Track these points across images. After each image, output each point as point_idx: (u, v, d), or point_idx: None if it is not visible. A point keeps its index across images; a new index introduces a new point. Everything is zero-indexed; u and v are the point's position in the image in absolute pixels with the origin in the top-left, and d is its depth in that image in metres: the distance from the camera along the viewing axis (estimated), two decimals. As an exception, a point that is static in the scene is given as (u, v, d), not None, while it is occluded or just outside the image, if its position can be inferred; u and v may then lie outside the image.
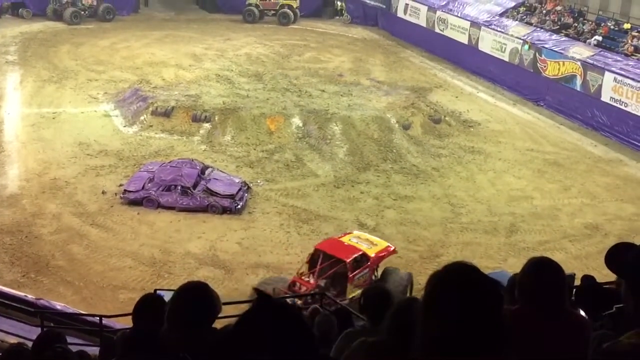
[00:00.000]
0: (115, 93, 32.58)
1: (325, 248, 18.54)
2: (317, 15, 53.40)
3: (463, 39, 41.86)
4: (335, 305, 13.14)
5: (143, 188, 22.74)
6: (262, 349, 2.65)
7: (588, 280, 7.32)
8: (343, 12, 54.41)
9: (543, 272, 3.86)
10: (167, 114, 29.31)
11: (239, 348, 2.70)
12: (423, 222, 22.92)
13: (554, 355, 3.77)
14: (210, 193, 22.74)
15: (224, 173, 24.40)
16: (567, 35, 36.39)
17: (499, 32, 39.15)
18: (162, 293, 7.01)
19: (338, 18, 54.26)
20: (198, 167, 23.76)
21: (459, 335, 2.58)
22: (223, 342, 2.89)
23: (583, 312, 5.24)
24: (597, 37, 34.92)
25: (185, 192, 22.62)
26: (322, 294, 13.57)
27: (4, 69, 35.80)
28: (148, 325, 4.62)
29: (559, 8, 39.47)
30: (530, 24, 38.76)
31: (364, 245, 18.91)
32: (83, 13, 46.69)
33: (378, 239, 20.08)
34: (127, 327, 8.44)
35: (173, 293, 3.72)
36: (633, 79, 30.64)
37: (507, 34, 38.54)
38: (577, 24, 37.19)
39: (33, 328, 11.22)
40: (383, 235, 21.74)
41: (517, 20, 39.73)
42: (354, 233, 20.23)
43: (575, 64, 33.49)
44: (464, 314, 2.59)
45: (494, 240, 22.03)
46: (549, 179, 27.01)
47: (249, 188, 24.07)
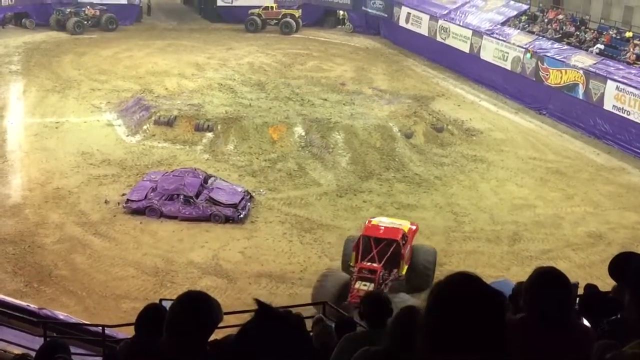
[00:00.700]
0: (118, 102, 32.65)
1: (371, 233, 19.36)
2: (319, 25, 53.55)
3: (465, 48, 41.90)
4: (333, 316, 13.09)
5: (146, 197, 22.76)
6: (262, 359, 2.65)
7: (591, 289, 7.30)
8: (345, 21, 54.54)
9: (549, 282, 3.85)
10: (169, 123, 29.36)
11: (240, 358, 2.70)
12: (426, 231, 22.85)
13: (558, 365, 3.76)
14: (213, 202, 22.74)
15: (227, 182, 24.41)
16: (569, 44, 36.41)
17: (501, 40, 39.18)
18: (167, 303, 7.00)
19: (340, 27, 54.38)
20: (201, 176, 23.78)
21: (462, 345, 2.57)
22: (224, 352, 2.89)
23: (586, 321, 5.23)
24: (599, 45, 34.95)
25: (188, 201, 22.63)
26: (324, 303, 13.52)
27: (7, 79, 35.92)
28: (150, 335, 4.61)
29: (561, 17, 39.52)
30: (532, 33, 38.79)
31: (398, 225, 20.13)
32: (86, 23, 46.88)
33: (398, 220, 21.19)
34: (129, 336, 8.44)
35: (172, 302, 3.71)
36: (635, 87, 30.61)
37: (509, 43, 38.57)
38: (579, 33, 37.22)
39: (36, 338, 11.22)
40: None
41: (519, 29, 39.77)
42: (376, 219, 20.95)
43: (578, 73, 33.49)
44: (467, 325, 2.58)
45: (497, 249, 21.99)
46: (552, 188, 26.97)
47: (252, 197, 24.08)
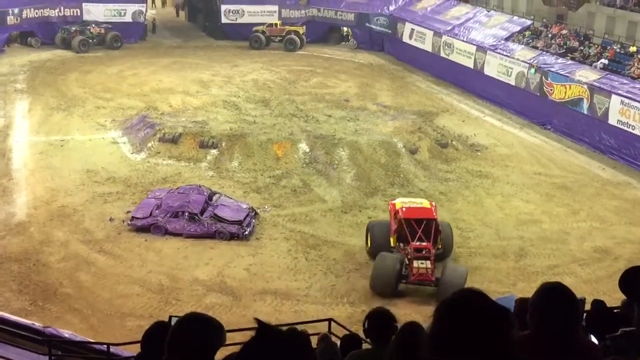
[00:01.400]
0: (123, 120, 32.74)
1: (410, 215, 21.13)
2: (323, 41, 53.79)
3: (469, 64, 41.97)
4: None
5: (150, 215, 22.76)
6: None
7: (598, 305, 7.25)
8: (349, 37, 54.78)
9: (555, 298, 3.81)
10: (174, 141, 29.41)
11: None
12: (431, 246, 22.81)
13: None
14: (218, 219, 22.72)
15: (232, 199, 24.40)
16: (573, 59, 36.46)
17: (505, 56, 39.25)
18: (176, 320, 6.96)
19: (344, 44, 54.61)
20: (205, 193, 23.78)
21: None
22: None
23: (594, 337, 5.19)
24: (603, 60, 34.99)
25: (193, 218, 22.61)
26: (330, 319, 13.48)
27: (13, 97, 36.08)
28: (156, 353, 4.58)
29: (565, 32, 39.60)
30: (536, 48, 38.86)
31: (420, 204, 22.38)
32: (91, 41, 47.14)
33: (415, 199, 24.01)
34: (135, 354, 8.40)
35: (173, 323, 3.69)
36: (640, 102, 30.64)
37: (513, 58, 38.64)
38: (583, 48, 37.28)
39: (41, 357, 11.20)
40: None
41: (522, 44, 39.85)
42: (399, 200, 23.10)
43: (582, 87, 33.50)
44: (473, 341, 2.56)
45: (503, 265, 21.90)
46: (558, 203, 26.89)
47: (257, 214, 24.05)
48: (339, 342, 8.59)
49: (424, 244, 20.27)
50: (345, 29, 55.19)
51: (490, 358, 2.57)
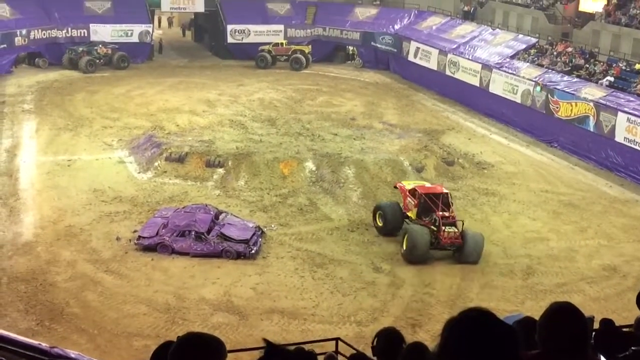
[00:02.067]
0: (130, 140, 32.85)
1: (425, 191, 24.41)
2: (329, 60, 54.01)
3: (474, 82, 42.05)
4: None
5: (157, 234, 22.76)
6: None
7: (607, 324, 7.21)
8: (355, 56, 54.98)
9: (564, 318, 3.79)
10: (181, 160, 29.48)
11: None
12: (439, 265, 22.75)
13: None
14: (224, 238, 22.71)
15: (238, 218, 24.40)
16: (578, 77, 36.50)
17: (511, 74, 39.32)
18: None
19: (350, 62, 54.80)
20: (212, 212, 23.78)
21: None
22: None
23: (603, 357, 5.15)
24: (609, 77, 35.01)
25: (200, 237, 22.60)
26: (337, 339, 13.40)
27: (20, 118, 36.26)
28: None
29: (570, 49, 39.67)
30: (542, 66, 38.92)
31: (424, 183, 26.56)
32: (98, 61, 47.42)
33: (418, 181, 27.49)
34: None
35: (173, 345, 3.66)
36: (646, 119, 30.62)
37: (518, 76, 38.70)
38: (588, 65, 37.33)
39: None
40: (399, 279, 21.64)
41: (528, 62, 39.93)
42: (403, 182, 26.67)
43: (588, 105, 33.50)
44: (481, 360, 2.55)
45: (511, 283, 21.80)
46: (565, 220, 26.81)
47: (263, 233, 24.04)
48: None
49: (449, 214, 23.50)
50: (351, 48, 55.40)
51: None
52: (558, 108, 35.35)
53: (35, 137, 33.50)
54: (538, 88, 36.79)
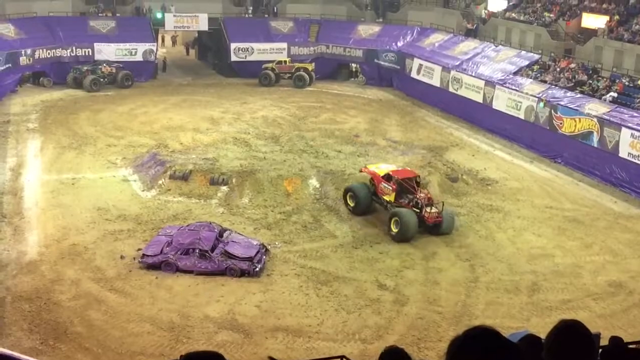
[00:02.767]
0: (134, 158, 32.90)
1: (400, 175, 27.19)
2: (332, 78, 54.20)
3: (478, 98, 42.11)
4: None
5: (161, 252, 22.73)
6: None
7: (616, 342, 7.15)
8: (358, 73, 55.16)
9: (573, 336, 3.76)
10: (184, 178, 29.51)
11: None
12: (443, 282, 22.68)
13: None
14: (229, 256, 22.67)
15: (242, 236, 24.38)
16: (582, 92, 36.51)
17: (514, 90, 39.37)
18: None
19: (353, 80, 54.96)
20: (216, 230, 23.77)
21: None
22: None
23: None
24: (612, 93, 35.02)
25: (204, 255, 22.57)
26: (342, 357, 13.35)
27: (25, 137, 36.38)
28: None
29: (573, 65, 39.72)
30: (545, 82, 38.96)
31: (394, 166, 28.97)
32: (102, 80, 47.64)
33: (384, 163, 30.07)
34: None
35: None
36: (650, 134, 30.58)
37: (522, 92, 38.74)
38: (591, 81, 37.35)
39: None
40: (403, 297, 21.56)
41: (531, 79, 39.98)
42: (372, 165, 29.53)
43: (592, 121, 33.49)
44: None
45: (516, 300, 21.70)
46: (570, 237, 26.72)
47: (267, 250, 24.00)
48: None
49: (427, 195, 26.37)
50: (354, 65, 55.60)
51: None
52: (562, 124, 35.35)
53: (40, 155, 33.58)
54: (541, 104, 36.81)
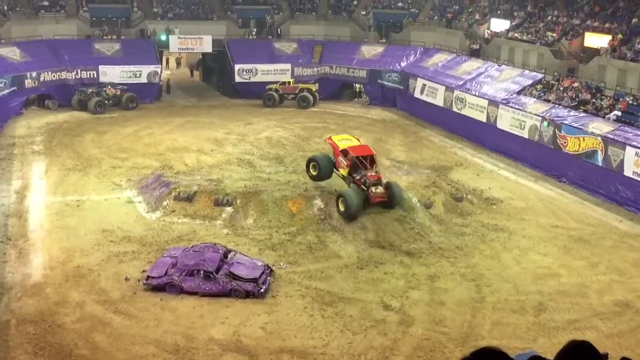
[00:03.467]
0: (138, 179, 32.95)
1: (356, 152, 29.07)
2: (336, 98, 54.35)
3: (482, 118, 42.16)
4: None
5: (166, 274, 22.70)
6: None
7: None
8: (362, 94, 55.34)
9: (582, 357, 3.74)
10: (189, 199, 29.51)
11: None
12: (449, 302, 22.57)
13: None
14: (233, 277, 22.62)
15: (247, 257, 24.34)
16: (585, 111, 36.52)
17: (518, 109, 39.41)
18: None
19: (357, 100, 55.15)
20: (220, 251, 23.74)
21: None
22: None
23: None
24: (616, 112, 35.02)
25: (208, 276, 22.53)
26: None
27: (30, 159, 36.49)
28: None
29: (576, 84, 39.78)
30: (548, 101, 39.00)
31: (354, 141, 30.76)
32: (107, 102, 47.85)
33: (347, 135, 32.83)
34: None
35: None
36: (655, 153, 30.54)
37: (525, 111, 38.78)
38: (595, 100, 37.37)
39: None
40: (409, 317, 21.46)
41: (534, 98, 40.03)
42: (336, 136, 32.19)
43: (596, 140, 33.48)
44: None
45: (522, 320, 21.57)
46: (576, 256, 26.62)
47: (272, 271, 23.94)
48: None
49: (376, 175, 28.41)
50: (358, 86, 55.81)
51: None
52: (566, 143, 35.34)
53: (45, 177, 33.66)
54: (545, 123, 36.83)
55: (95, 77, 49.88)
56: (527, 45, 47.18)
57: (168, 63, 65.85)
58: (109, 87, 48.69)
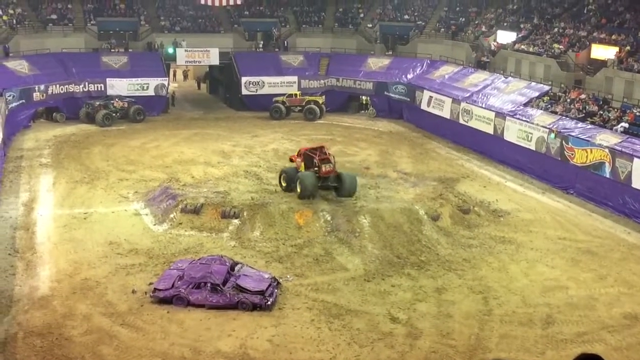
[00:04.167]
0: (146, 192, 33.00)
1: (306, 149, 32.65)
2: (343, 110, 54.48)
3: (488, 129, 42.14)
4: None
5: (173, 286, 22.67)
6: None
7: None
8: (368, 106, 55.40)
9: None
10: (196, 211, 29.53)
11: None
12: (456, 314, 22.47)
13: None
14: (240, 290, 22.58)
15: (254, 269, 24.30)
16: (593, 123, 36.46)
17: (524, 121, 39.38)
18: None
19: (363, 112, 55.22)
20: (227, 263, 23.71)
21: None
22: None
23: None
24: (623, 124, 34.94)
25: (215, 289, 22.49)
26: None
27: (38, 172, 36.61)
28: None
29: (583, 96, 39.73)
30: (555, 113, 38.97)
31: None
32: (114, 115, 48.03)
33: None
34: None
35: None
36: (663, 165, 30.43)
37: (532, 123, 38.74)
38: (602, 112, 37.31)
39: None
40: (416, 330, 21.38)
41: (541, 110, 40.00)
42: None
43: (603, 151, 33.39)
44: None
45: (530, 333, 21.45)
46: (584, 268, 26.49)
47: (279, 284, 23.89)
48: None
49: (325, 157, 31.97)
50: (364, 98, 55.87)
51: None
52: (573, 155, 35.27)
53: (52, 190, 33.74)
54: (552, 135, 36.77)
55: (103, 89, 50.12)
56: (533, 57, 47.19)
57: (175, 76, 66.09)
58: (117, 99, 48.89)
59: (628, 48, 41.54)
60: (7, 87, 44.42)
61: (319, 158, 31.73)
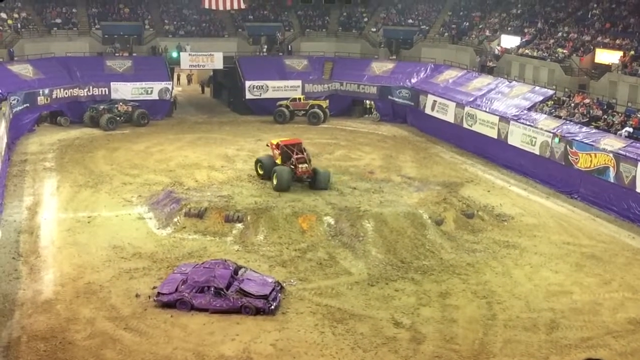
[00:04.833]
0: (149, 196, 33.03)
1: (284, 143, 34.69)
2: (346, 114, 54.48)
3: (492, 134, 42.10)
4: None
5: (176, 290, 22.67)
6: None
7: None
8: (372, 110, 55.43)
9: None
10: (200, 215, 29.54)
11: None
12: (460, 319, 22.43)
13: None
14: (244, 294, 22.56)
15: (257, 273, 24.29)
16: (597, 128, 36.41)
17: (529, 125, 39.34)
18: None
19: (367, 116, 55.22)
20: (231, 267, 23.70)
21: None
22: None
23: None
24: (627, 128, 34.89)
25: (219, 293, 22.48)
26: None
27: (42, 176, 36.65)
28: None
29: (588, 101, 39.68)
30: (560, 117, 38.92)
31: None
32: (118, 119, 48.08)
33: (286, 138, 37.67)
34: None
35: None
36: (667, 169, 30.37)
37: (536, 128, 38.70)
38: (606, 116, 37.26)
39: None
40: (420, 335, 21.34)
41: (545, 114, 39.95)
42: (273, 140, 36.15)
43: (608, 156, 33.34)
44: None
45: (535, 338, 21.40)
46: (588, 273, 26.43)
47: (283, 288, 23.88)
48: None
49: (302, 155, 33.93)
50: (368, 102, 55.88)
51: None
52: (577, 159, 35.22)
53: (56, 194, 33.78)
54: (556, 139, 36.73)
55: (107, 93, 50.17)
56: (537, 62, 47.14)
57: (179, 80, 66.17)
58: (121, 103, 48.93)
59: (632, 52, 41.47)
60: (11, 91, 44.49)
61: (296, 157, 33.66)
